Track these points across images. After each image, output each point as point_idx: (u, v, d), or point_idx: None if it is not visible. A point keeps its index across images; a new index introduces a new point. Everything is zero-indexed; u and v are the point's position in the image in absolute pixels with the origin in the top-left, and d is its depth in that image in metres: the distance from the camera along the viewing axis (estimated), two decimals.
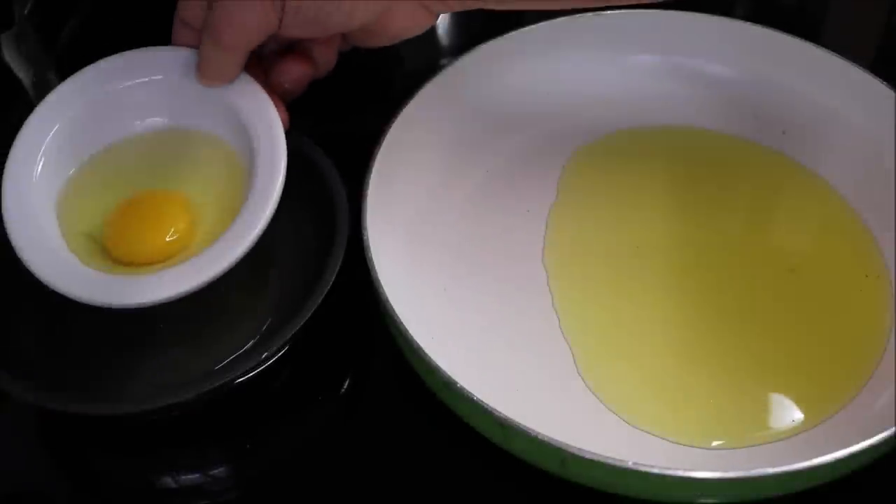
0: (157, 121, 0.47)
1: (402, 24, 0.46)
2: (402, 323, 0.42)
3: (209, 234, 0.44)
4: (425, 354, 0.41)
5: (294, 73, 0.46)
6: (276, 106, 0.45)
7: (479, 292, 0.47)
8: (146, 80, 0.46)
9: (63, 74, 0.46)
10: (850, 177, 0.51)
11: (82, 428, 0.45)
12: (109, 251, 0.44)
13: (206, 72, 0.45)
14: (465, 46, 0.53)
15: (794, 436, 0.42)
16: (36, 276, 0.41)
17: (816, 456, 0.37)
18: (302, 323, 0.42)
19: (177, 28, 0.46)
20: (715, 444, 0.42)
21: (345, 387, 0.47)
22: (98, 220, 0.45)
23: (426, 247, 0.48)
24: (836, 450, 0.37)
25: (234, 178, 0.45)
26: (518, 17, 0.54)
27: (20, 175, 0.44)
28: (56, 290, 0.41)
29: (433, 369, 0.41)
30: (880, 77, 0.51)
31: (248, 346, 0.45)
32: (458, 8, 0.46)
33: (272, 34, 0.44)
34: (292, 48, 0.47)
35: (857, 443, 0.38)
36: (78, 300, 0.41)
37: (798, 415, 0.43)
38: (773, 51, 0.54)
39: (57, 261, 0.42)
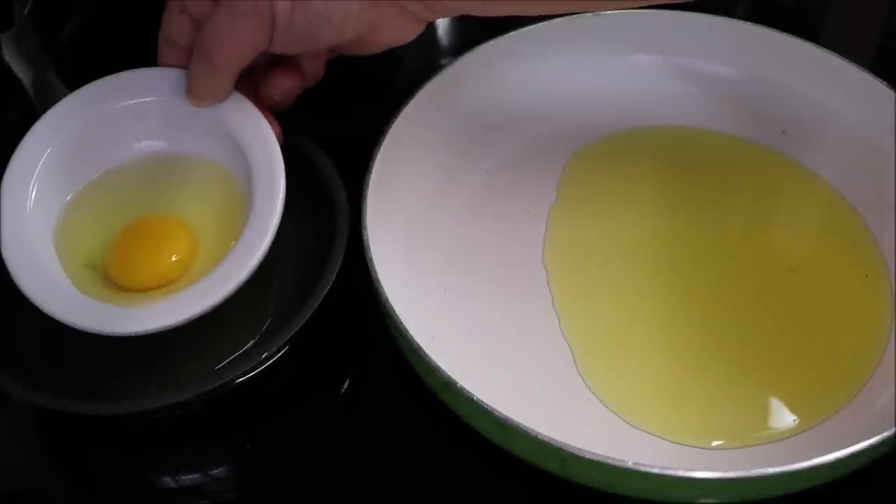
0: (149, 144, 0.46)
1: (391, 35, 0.45)
2: (402, 323, 0.42)
3: (211, 255, 0.44)
4: (425, 354, 0.41)
5: (284, 86, 0.46)
6: (269, 121, 0.45)
7: (479, 292, 0.47)
8: (135, 102, 0.45)
9: (63, 74, 0.46)
10: (850, 177, 0.50)
11: (82, 428, 0.45)
12: (111, 278, 0.44)
13: (196, 91, 0.44)
14: (464, 47, 0.53)
15: (793, 436, 0.42)
16: (40, 308, 0.41)
17: (816, 456, 0.37)
18: (302, 323, 0.42)
19: (162, 48, 0.45)
20: (715, 444, 0.42)
21: (345, 387, 0.47)
22: (98, 247, 0.45)
23: (426, 247, 0.48)
24: (836, 450, 0.37)
25: (233, 199, 0.45)
26: (517, 17, 0.54)
27: (15, 203, 0.43)
28: (61, 321, 0.41)
29: (433, 369, 0.41)
30: (880, 77, 0.51)
31: (248, 346, 0.45)
32: (444, 14, 0.45)
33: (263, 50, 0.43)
34: (281, 60, 0.46)
35: (857, 443, 0.38)
36: (79, 328, 0.41)
37: (798, 415, 0.43)
38: (773, 51, 0.54)
39: (58, 290, 0.42)
